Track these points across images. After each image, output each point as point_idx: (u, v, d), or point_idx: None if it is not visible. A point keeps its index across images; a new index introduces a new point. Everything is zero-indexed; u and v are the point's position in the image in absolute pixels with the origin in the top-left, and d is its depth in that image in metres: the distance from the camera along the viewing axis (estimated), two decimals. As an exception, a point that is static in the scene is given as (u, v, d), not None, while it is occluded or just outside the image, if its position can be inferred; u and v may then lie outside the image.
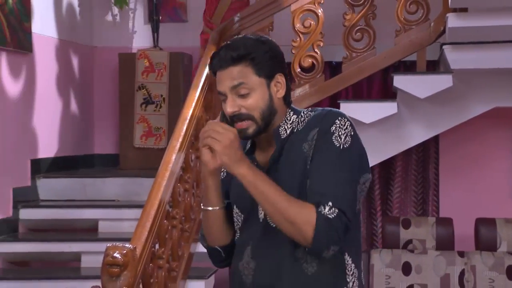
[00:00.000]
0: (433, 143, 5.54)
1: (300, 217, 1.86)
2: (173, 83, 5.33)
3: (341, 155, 1.91)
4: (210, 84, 4.46)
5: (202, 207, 2.05)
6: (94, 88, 5.84)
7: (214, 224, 2.06)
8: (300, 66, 4.64)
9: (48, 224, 4.70)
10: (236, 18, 4.71)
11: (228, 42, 2.00)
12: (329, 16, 4.68)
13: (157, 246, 3.47)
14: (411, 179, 5.66)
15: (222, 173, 2.09)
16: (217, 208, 2.04)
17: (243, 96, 1.94)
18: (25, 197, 4.68)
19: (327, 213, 1.85)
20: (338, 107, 4.70)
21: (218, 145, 1.86)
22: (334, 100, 5.00)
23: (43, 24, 5.04)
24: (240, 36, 2.03)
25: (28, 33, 4.73)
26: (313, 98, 4.63)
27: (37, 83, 4.90)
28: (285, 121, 2.01)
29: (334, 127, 1.93)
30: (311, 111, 2.03)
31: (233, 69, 1.94)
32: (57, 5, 5.29)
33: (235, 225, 2.09)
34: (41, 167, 4.91)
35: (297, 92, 4.63)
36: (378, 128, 4.76)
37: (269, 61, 1.96)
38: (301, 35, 4.62)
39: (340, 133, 1.93)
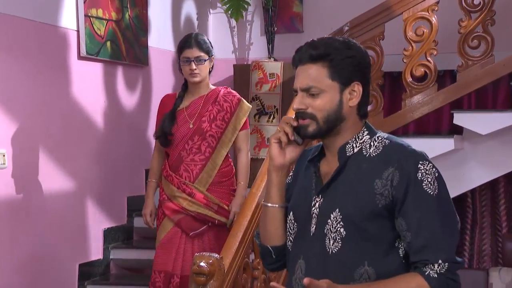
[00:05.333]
0: None
1: None
2: (286, 94, 5.41)
3: (438, 202, 1.92)
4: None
5: (263, 202, 2.08)
6: (211, 99, 6.03)
7: (270, 221, 2.08)
8: (412, 76, 4.59)
9: (160, 232, 4.92)
10: (346, 28, 4.73)
11: (314, 40, 2.00)
12: (443, 23, 4.60)
13: (252, 256, 3.54)
14: (542, 194, 5.43)
15: (288, 178, 2.12)
16: (276, 206, 2.06)
17: (312, 96, 1.95)
18: (139, 206, 4.88)
19: (438, 270, 1.87)
20: (452, 118, 4.61)
21: None
22: (448, 110, 4.91)
23: (160, 38, 5.29)
24: (328, 36, 2.02)
25: (144, 47, 4.99)
26: (424, 109, 4.55)
27: (153, 94, 5.15)
28: (355, 139, 2.00)
29: (420, 174, 1.91)
30: (387, 139, 2.00)
31: (310, 67, 1.96)
32: (175, 20, 5.54)
33: (287, 232, 2.08)
34: (155, 176, 5.13)
35: (408, 102, 4.58)
36: (499, 139, 4.60)
37: (349, 67, 1.96)
38: (413, 44, 4.56)
39: (429, 179, 1.92)
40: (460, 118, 4.55)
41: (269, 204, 2.07)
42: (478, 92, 5.27)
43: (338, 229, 1.94)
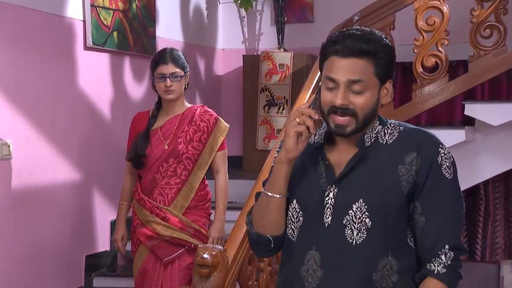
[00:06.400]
0: None
1: None
2: (296, 85, 5.38)
3: (453, 187, 2.00)
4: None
5: (267, 192, 2.04)
6: (221, 90, 6.05)
7: (274, 212, 2.05)
8: (423, 66, 4.56)
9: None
10: (356, 18, 4.70)
11: (355, 32, 1.97)
12: (455, 12, 4.56)
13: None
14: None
15: None
16: (281, 196, 2.04)
17: (356, 92, 1.94)
18: (147, 197, 4.94)
19: (445, 262, 1.96)
20: (463, 109, 4.59)
21: None
22: (460, 101, 4.90)
23: (169, 28, 5.29)
24: (367, 29, 2.00)
25: (152, 37, 4.99)
26: (435, 100, 4.52)
27: (161, 85, 5.14)
28: (371, 130, 2.02)
29: (440, 158, 1.98)
30: (399, 125, 2.04)
31: (357, 61, 1.93)
32: (184, 10, 5.53)
33: (288, 220, 2.07)
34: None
35: (419, 93, 4.55)
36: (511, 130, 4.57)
37: (388, 65, 1.98)
38: (424, 34, 4.53)
39: (447, 164, 1.98)
40: (472, 109, 4.53)
41: (275, 195, 2.03)
42: (492, 83, 5.25)
43: (363, 219, 1.96)
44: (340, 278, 1.96)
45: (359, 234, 1.96)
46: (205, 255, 3.04)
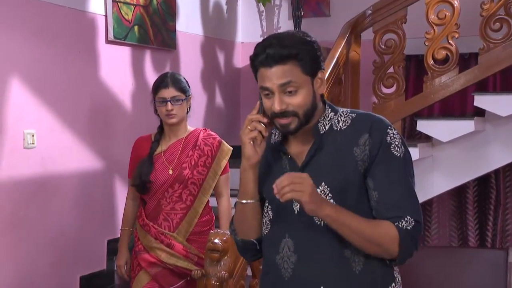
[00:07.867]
0: None
1: (385, 238, 1.96)
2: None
3: (404, 164, 2.02)
4: (338, 78, 4.50)
5: (241, 201, 2.08)
6: (240, 82, 6.05)
7: (252, 216, 2.10)
8: (434, 58, 4.53)
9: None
10: (368, 12, 4.69)
11: (273, 40, 1.98)
12: (465, 6, 4.53)
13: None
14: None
15: None
16: (255, 200, 2.08)
17: (290, 94, 1.96)
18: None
19: (406, 226, 1.96)
20: (472, 100, 4.56)
21: (304, 196, 1.87)
22: (468, 92, 4.86)
23: (189, 23, 5.30)
24: (284, 33, 2.03)
25: (172, 31, 5.01)
26: (445, 91, 4.50)
27: (181, 78, 5.16)
28: (324, 117, 2.06)
29: (389, 138, 2.01)
30: (351, 113, 2.07)
31: (282, 67, 1.95)
32: (204, 4, 5.54)
33: (264, 217, 2.12)
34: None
35: (430, 85, 4.52)
36: (521, 121, 4.54)
37: (313, 59, 1.99)
38: (435, 27, 4.51)
39: (396, 143, 2.01)
40: (481, 100, 4.50)
41: (248, 201, 2.07)
42: (503, 74, 5.20)
43: (328, 201, 1.99)
44: (314, 260, 2.00)
45: None
46: (216, 240, 3.06)
